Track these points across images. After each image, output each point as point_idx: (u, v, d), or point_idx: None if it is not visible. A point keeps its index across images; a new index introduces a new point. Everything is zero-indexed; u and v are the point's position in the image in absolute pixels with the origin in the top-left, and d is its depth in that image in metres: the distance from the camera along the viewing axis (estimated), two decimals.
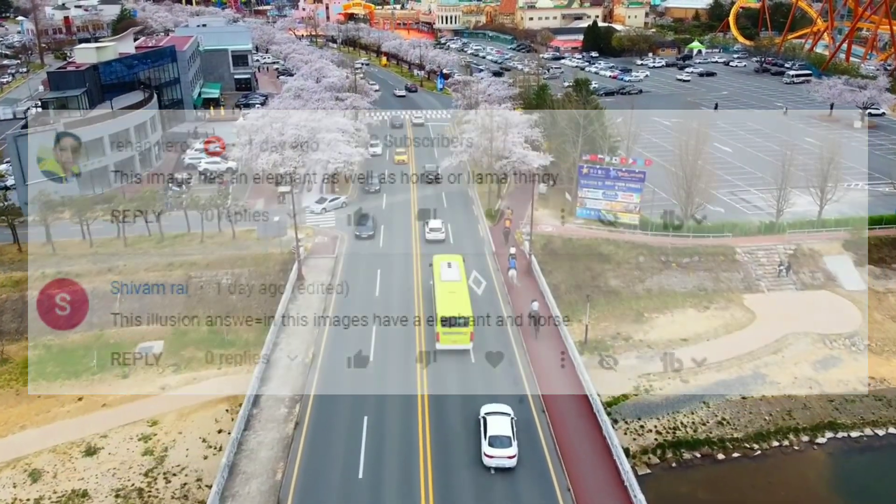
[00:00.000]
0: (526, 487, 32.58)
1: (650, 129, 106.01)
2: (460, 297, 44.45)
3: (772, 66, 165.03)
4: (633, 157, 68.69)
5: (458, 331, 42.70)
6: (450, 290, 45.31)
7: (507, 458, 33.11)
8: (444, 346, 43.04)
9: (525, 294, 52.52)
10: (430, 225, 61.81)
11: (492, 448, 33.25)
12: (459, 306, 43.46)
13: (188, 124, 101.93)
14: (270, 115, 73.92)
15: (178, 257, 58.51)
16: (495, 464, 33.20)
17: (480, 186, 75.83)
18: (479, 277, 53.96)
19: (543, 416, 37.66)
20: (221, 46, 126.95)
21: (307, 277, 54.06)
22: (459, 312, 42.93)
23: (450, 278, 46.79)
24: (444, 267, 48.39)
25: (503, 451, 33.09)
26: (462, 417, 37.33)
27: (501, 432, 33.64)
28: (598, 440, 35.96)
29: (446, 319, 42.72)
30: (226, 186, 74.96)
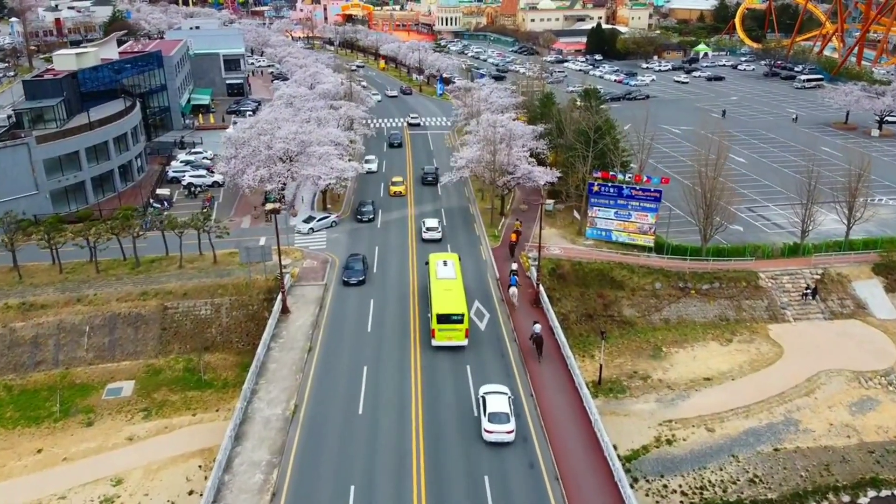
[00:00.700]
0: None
1: (660, 138, 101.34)
2: (456, 295, 44.80)
3: (781, 69, 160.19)
4: (648, 173, 63.82)
5: (454, 328, 43.11)
6: (445, 287, 45.73)
7: (506, 433, 35.09)
8: (440, 343, 43.55)
9: (527, 315, 48.64)
10: (427, 224, 62.40)
11: (491, 424, 35.14)
12: (455, 304, 43.75)
13: (175, 133, 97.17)
14: (258, 126, 69.01)
15: (153, 285, 53.69)
16: (494, 438, 35.15)
17: (482, 202, 71.15)
18: (481, 309, 49.20)
19: (557, 484, 32.85)
20: (213, 50, 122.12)
21: (292, 310, 49.24)
22: (455, 309, 43.22)
23: (445, 276, 47.33)
24: (440, 265, 48.99)
25: (502, 427, 35.04)
26: (465, 486, 32.57)
27: (500, 409, 35.58)
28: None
29: (442, 316, 43.05)
30: (210, 202, 70.30)
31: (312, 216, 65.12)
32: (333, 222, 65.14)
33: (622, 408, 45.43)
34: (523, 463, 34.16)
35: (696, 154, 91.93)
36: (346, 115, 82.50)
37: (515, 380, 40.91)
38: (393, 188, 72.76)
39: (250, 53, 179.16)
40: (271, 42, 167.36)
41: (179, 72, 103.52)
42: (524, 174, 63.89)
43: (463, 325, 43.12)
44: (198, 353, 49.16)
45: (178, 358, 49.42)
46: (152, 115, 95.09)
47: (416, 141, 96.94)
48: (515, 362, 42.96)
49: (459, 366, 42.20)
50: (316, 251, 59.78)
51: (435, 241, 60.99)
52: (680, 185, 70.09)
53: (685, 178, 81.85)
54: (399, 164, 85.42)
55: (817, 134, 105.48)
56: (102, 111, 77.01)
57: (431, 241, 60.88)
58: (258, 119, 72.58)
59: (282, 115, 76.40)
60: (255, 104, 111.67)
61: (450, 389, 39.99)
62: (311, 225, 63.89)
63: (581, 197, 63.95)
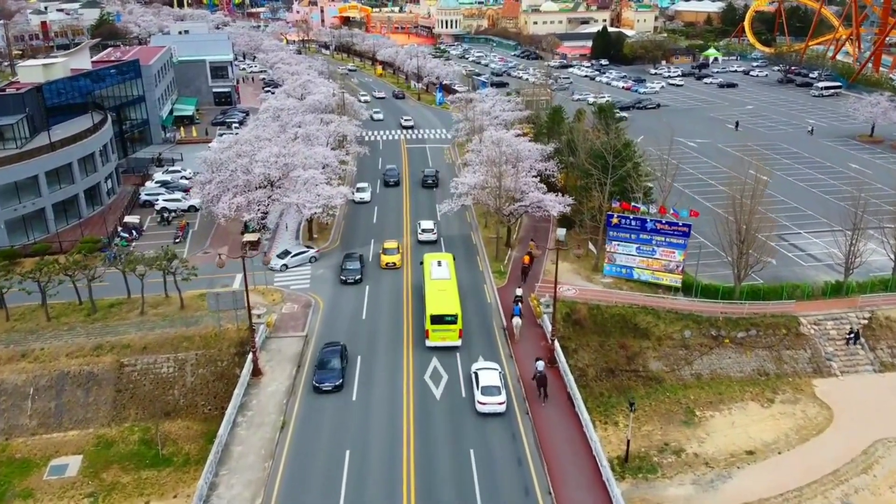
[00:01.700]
0: None
1: (674, 153, 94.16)
2: (449, 295, 44.99)
3: (795, 75, 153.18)
4: (671, 199, 56.86)
5: (447, 328, 43.31)
6: (439, 287, 45.84)
7: (498, 405, 37.47)
8: (434, 344, 43.62)
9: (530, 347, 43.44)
10: (423, 226, 61.94)
11: (484, 396, 37.51)
12: (449, 304, 43.96)
13: (154, 148, 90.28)
14: (236, 147, 62.08)
15: (109, 336, 46.76)
16: (488, 409, 37.46)
17: (486, 229, 64.23)
18: None
19: None
20: (199, 57, 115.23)
21: (266, 370, 42.29)
22: (448, 310, 43.47)
23: (440, 276, 47.53)
24: (434, 265, 49.21)
25: (494, 399, 37.49)
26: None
27: (491, 383, 38.06)
28: None
29: (436, 317, 43.26)
30: (184, 230, 63.40)
31: (288, 250, 57.78)
32: (312, 258, 57.56)
33: (654, 493, 38.54)
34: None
35: (716, 171, 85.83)
36: (337, 132, 75.50)
37: None
38: (385, 258, 55.77)
39: (242, 58, 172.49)
40: (264, 46, 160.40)
41: (160, 81, 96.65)
42: (534, 202, 56.94)
43: (457, 325, 43.33)
44: (156, 421, 42.22)
45: (134, 427, 42.51)
46: (129, 129, 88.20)
47: (413, 157, 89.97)
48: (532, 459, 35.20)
49: (462, 457, 35.05)
50: (298, 291, 52.82)
51: (431, 243, 60.73)
52: (697, 207, 63.63)
53: (705, 198, 75.25)
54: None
55: (842, 148, 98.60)
56: (70, 128, 70.16)
57: (427, 243, 60.65)
58: (237, 138, 65.55)
59: (265, 132, 69.49)
60: (243, 115, 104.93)
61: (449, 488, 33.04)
62: (284, 261, 56.35)
63: (597, 227, 57.04)
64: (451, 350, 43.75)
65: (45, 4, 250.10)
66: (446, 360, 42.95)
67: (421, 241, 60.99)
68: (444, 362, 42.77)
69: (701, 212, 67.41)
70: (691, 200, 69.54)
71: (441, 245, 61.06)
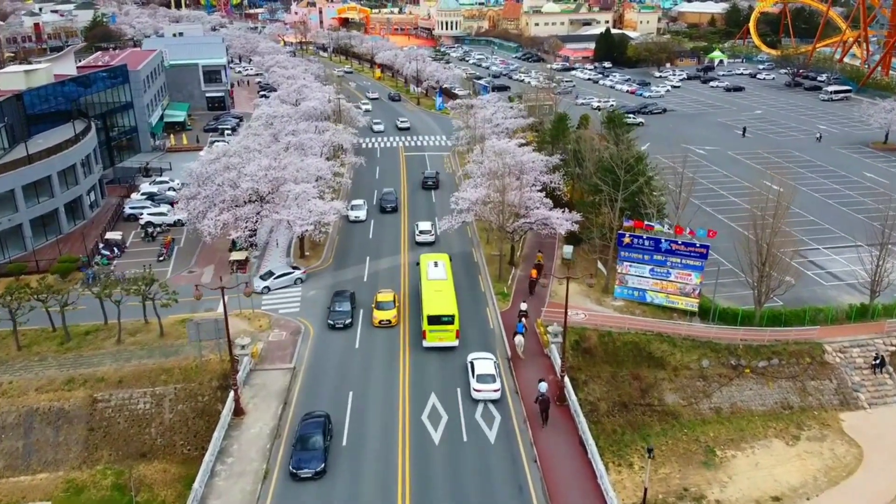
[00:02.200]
0: None
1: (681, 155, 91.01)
2: (446, 296, 45.10)
3: (803, 79, 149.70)
4: (685, 213, 53.42)
5: (444, 328, 43.43)
6: (436, 288, 46.00)
7: (493, 392, 38.86)
8: (431, 344, 43.73)
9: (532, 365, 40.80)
10: (420, 227, 61.97)
11: (479, 384, 38.87)
12: (445, 305, 44.08)
13: (143, 157, 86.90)
14: (224, 159, 58.66)
15: (83, 367, 43.37)
16: (483, 396, 38.82)
17: (488, 246, 60.82)
18: (491, 410, 38.77)
19: None
20: (191, 60, 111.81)
21: (249, 409, 38.85)
22: (445, 311, 43.60)
23: (436, 277, 47.59)
24: (430, 266, 49.11)
25: (489, 386, 38.88)
26: None
27: (487, 371, 39.58)
28: None
29: (433, 318, 43.40)
30: (169, 247, 60.01)
31: (272, 271, 54.01)
32: (298, 279, 53.69)
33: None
34: None
35: (728, 181, 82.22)
36: (332, 142, 72.08)
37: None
38: (379, 314, 47.03)
39: (238, 61, 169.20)
40: (260, 49, 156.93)
41: (150, 86, 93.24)
42: (539, 219, 53.52)
43: (454, 325, 43.48)
44: (130, 464, 38.84)
45: (107, 470, 39.10)
46: (116, 137, 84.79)
47: (412, 166, 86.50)
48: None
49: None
50: (287, 315, 49.33)
51: (428, 244, 60.57)
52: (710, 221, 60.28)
53: (718, 210, 71.85)
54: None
55: (856, 156, 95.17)
56: (52, 137, 66.91)
57: (424, 244, 60.54)
58: (226, 149, 62.11)
59: (256, 142, 66.10)
60: (237, 121, 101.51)
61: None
62: (267, 283, 52.49)
63: (607, 246, 53.63)
64: (450, 389, 40.32)
65: (41, 5, 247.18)
66: (445, 396, 39.59)
67: (418, 243, 60.82)
68: (443, 398, 39.43)
69: (715, 226, 64.22)
70: (704, 215, 66.02)
71: (439, 246, 60.32)
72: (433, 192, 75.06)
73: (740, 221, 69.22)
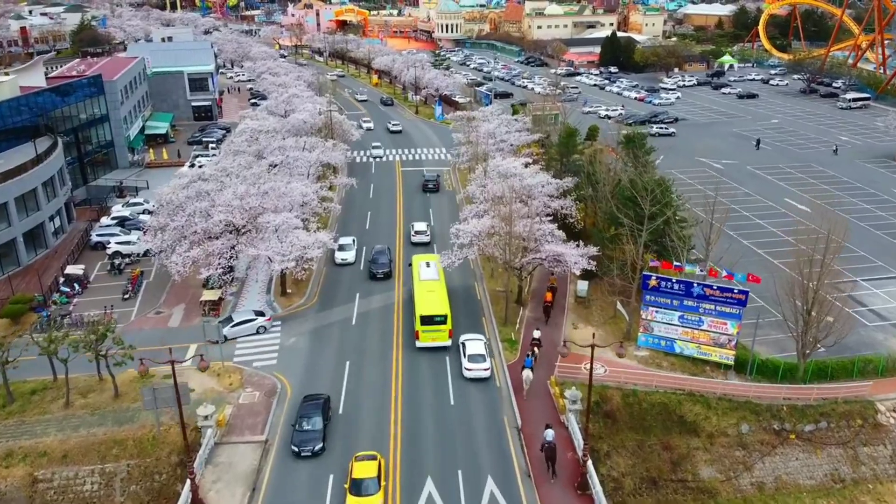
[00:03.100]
0: None
1: (698, 175, 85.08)
2: (438, 296, 45.30)
3: (818, 85, 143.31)
4: (718, 255, 47.23)
5: (437, 328, 43.63)
6: (428, 288, 46.15)
7: (483, 371, 41.15)
8: (424, 344, 43.97)
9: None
10: (416, 228, 62.18)
11: (470, 363, 41.13)
12: (438, 305, 44.35)
13: (118, 174, 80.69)
14: (196, 185, 52.48)
15: (24, 437, 37.14)
16: (473, 375, 41.02)
17: (492, 280, 54.62)
18: (495, 496, 32.53)
19: None
20: (176, 68, 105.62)
21: (209, 499, 32.54)
22: (438, 311, 43.86)
23: (428, 277, 47.75)
24: (422, 266, 49.45)
25: (479, 365, 41.17)
26: None
27: (477, 351, 41.78)
28: None
29: (425, 318, 43.64)
30: (137, 282, 53.82)
31: (231, 316, 47.26)
32: (260, 328, 46.54)
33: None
34: None
35: (750, 200, 75.20)
36: (320, 161, 65.89)
37: None
38: (357, 469, 32.42)
39: (230, 65, 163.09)
40: (252, 53, 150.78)
41: (129, 97, 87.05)
42: (551, 255, 47.29)
43: (446, 325, 43.69)
44: None
45: None
46: (90, 152, 78.59)
47: (409, 183, 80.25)
48: None
49: None
50: (262, 369, 43.05)
51: (423, 245, 60.37)
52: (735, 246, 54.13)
53: (741, 234, 65.61)
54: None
55: (882, 170, 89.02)
56: (14, 157, 60.80)
57: (420, 245, 60.26)
58: (199, 173, 55.93)
59: (236, 162, 59.95)
60: (223, 132, 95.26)
61: None
62: (225, 331, 45.51)
63: (628, 285, 47.37)
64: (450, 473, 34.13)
65: (31, 8, 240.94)
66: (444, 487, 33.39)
67: (414, 243, 60.81)
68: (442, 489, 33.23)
69: (742, 253, 58.20)
70: (727, 239, 59.68)
71: (433, 247, 59.54)
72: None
73: (767, 248, 63.44)
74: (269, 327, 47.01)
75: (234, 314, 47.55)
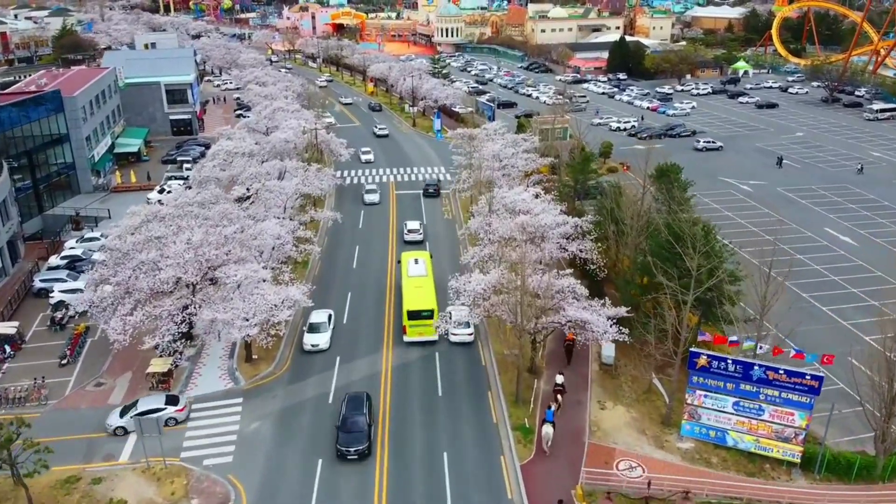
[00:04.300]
0: None
1: (723, 198, 76.46)
2: (426, 292, 46.28)
3: (839, 93, 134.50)
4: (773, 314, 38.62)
5: (424, 323, 44.47)
6: (416, 284, 47.19)
7: (467, 335, 45.06)
8: (412, 339, 44.76)
9: None
10: (409, 226, 62.42)
11: (455, 329, 44.70)
12: (425, 300, 45.20)
13: (80, 200, 72.28)
14: (146, 229, 43.98)
15: None
16: (458, 339, 44.93)
17: (498, 341, 45.98)
18: None
19: None
20: (152, 78, 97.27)
21: None
22: (425, 306, 44.67)
23: (417, 273, 48.74)
24: (411, 263, 50.37)
25: (464, 331, 44.98)
26: None
27: (462, 319, 44.80)
28: None
29: (412, 313, 44.38)
30: (79, 340, 45.35)
31: (137, 402, 37.90)
32: (170, 419, 36.98)
33: None
34: None
35: (793, 235, 65.39)
36: (300, 192, 57.45)
37: None
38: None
39: (218, 72, 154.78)
40: (241, 60, 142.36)
41: (94, 113, 78.61)
42: (574, 319, 38.77)
43: (433, 320, 43.88)
44: None
45: None
46: (47, 177, 70.18)
47: (403, 209, 71.77)
48: None
49: None
50: (214, 469, 34.52)
51: (416, 243, 60.88)
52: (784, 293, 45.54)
53: (781, 272, 56.47)
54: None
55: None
56: None
57: (413, 243, 60.77)
58: (157, 210, 47.42)
59: (200, 196, 51.55)
60: (202, 148, 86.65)
61: None
62: (122, 421, 36.49)
63: (668, 359, 38.84)
64: None
65: (16, 11, 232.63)
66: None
67: (407, 242, 61.07)
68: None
69: (798, 307, 49.29)
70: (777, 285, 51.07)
71: (426, 245, 60.34)
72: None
73: (812, 291, 54.84)
74: (180, 419, 37.50)
75: (141, 400, 38.11)
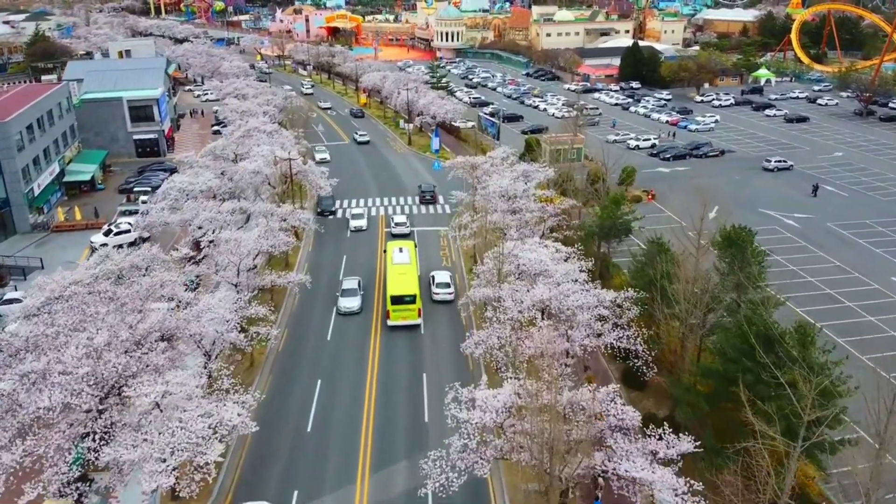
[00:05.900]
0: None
1: (771, 238, 64.36)
2: (409, 278, 48.00)
3: (871, 104, 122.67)
4: None
5: (407, 308, 46.17)
6: (400, 271, 48.92)
7: (448, 295, 50.33)
8: (395, 323, 46.24)
9: None
10: (396, 220, 64.25)
11: (438, 289, 50.41)
12: (407, 286, 46.96)
13: (15, 242, 61.13)
14: (40, 320, 32.85)
15: None
16: (440, 298, 50.20)
17: (511, 474, 34.47)
18: None
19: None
20: (113, 93, 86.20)
21: None
22: (407, 291, 46.48)
23: (401, 261, 50.69)
24: (396, 252, 52.18)
25: (445, 291, 50.45)
26: None
27: (443, 280, 51.31)
28: None
29: (395, 298, 46.03)
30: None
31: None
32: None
33: None
34: None
35: (846, 277, 51.61)
36: (260, 249, 46.15)
37: None
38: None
39: (200, 81, 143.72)
40: (223, 69, 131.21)
41: (37, 138, 67.49)
42: (620, 470, 27.52)
43: (416, 304, 46.17)
44: None
45: None
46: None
47: None
48: None
49: None
50: None
51: (403, 236, 61.74)
52: None
53: (847, 340, 45.28)
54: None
55: None
56: None
57: (400, 236, 61.61)
58: (63, 286, 36.19)
59: (133, 258, 40.34)
60: (167, 173, 75.35)
61: None
62: None
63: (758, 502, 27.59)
64: None
65: None
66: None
67: (394, 235, 62.49)
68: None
69: (854, 370, 37.62)
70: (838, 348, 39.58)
71: (414, 237, 61.43)
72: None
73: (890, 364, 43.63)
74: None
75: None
